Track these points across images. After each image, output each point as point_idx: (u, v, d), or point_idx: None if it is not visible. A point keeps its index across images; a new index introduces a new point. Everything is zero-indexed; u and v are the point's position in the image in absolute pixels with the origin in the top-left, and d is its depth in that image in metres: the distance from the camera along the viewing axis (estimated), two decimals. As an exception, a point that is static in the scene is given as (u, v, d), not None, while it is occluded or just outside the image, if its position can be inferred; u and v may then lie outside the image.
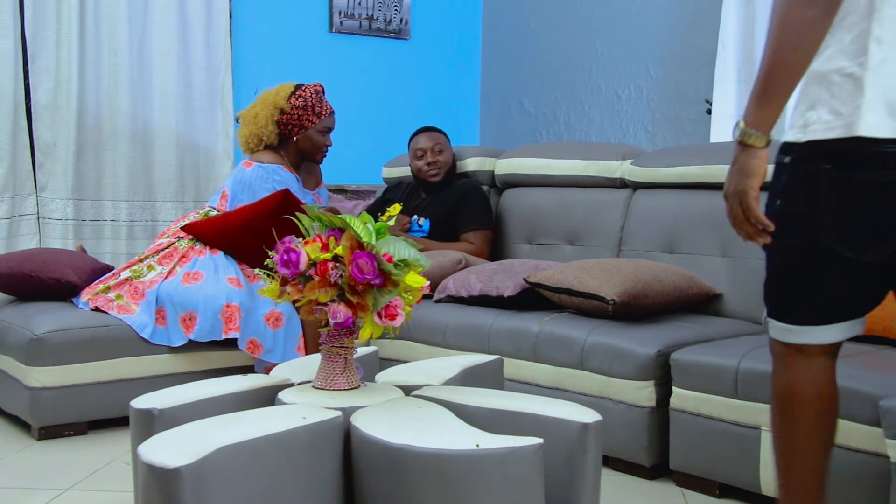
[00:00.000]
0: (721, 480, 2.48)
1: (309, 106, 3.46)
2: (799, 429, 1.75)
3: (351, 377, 1.93)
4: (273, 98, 3.47)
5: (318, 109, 3.48)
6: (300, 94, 3.47)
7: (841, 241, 1.66)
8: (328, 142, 3.54)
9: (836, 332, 1.74)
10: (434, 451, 1.58)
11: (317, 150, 3.53)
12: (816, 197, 1.66)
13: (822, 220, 1.66)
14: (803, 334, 1.74)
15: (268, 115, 3.44)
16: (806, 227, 1.69)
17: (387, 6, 4.86)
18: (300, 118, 3.45)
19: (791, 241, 1.72)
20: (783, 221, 1.70)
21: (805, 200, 1.68)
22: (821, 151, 1.64)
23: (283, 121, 3.45)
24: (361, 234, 1.83)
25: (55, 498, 2.44)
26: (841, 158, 1.62)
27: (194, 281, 3.15)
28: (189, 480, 1.48)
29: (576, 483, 1.79)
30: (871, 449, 2.13)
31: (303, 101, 3.45)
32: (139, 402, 1.90)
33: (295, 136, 3.47)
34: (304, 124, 3.46)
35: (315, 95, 3.49)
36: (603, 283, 2.75)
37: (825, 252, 1.69)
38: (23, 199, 3.94)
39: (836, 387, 1.76)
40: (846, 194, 1.63)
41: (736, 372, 2.40)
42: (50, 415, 2.97)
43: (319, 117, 3.49)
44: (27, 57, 3.91)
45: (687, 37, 4.00)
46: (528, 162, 3.80)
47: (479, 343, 3.01)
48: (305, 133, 3.47)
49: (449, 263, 3.35)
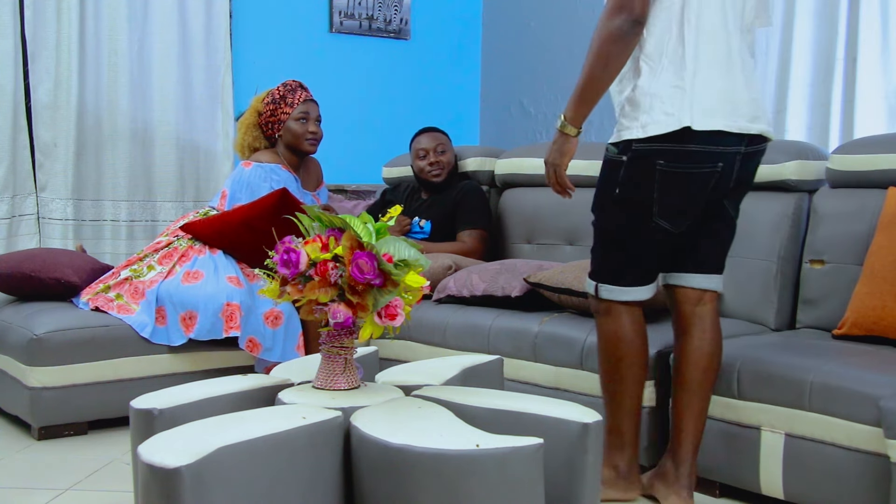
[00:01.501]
0: (721, 480, 2.48)
1: (278, 99, 3.51)
2: (625, 363, 2.33)
3: (351, 377, 1.93)
4: (253, 105, 3.58)
5: (289, 100, 3.51)
6: (271, 93, 3.55)
7: (663, 218, 2.22)
8: (310, 128, 3.51)
9: (649, 291, 2.36)
10: (434, 451, 1.58)
11: (300, 139, 3.50)
12: (650, 186, 2.19)
13: (652, 203, 2.21)
14: (631, 294, 2.33)
15: (251, 122, 3.56)
16: (642, 210, 2.23)
17: (387, 6, 4.86)
18: (274, 113, 3.51)
19: (628, 222, 2.28)
20: (622, 207, 2.26)
21: (641, 189, 2.21)
22: (656, 150, 2.16)
23: (263, 122, 3.53)
24: (361, 234, 1.83)
25: (55, 498, 2.44)
26: (671, 155, 2.16)
27: (194, 280, 3.15)
28: (189, 480, 1.48)
29: (576, 483, 1.79)
30: (871, 449, 2.13)
31: (271, 98, 3.53)
32: (139, 402, 1.90)
33: (278, 133, 3.51)
34: (280, 117, 3.50)
35: (284, 88, 3.54)
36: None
37: (652, 228, 2.24)
38: (23, 199, 3.94)
39: (646, 330, 2.38)
40: (669, 183, 2.18)
41: (736, 372, 2.40)
42: (50, 415, 2.97)
43: (292, 107, 3.50)
44: (27, 57, 3.90)
45: (687, 37, 4.00)
46: (528, 162, 3.80)
47: (479, 343, 3.01)
48: (284, 126, 3.50)
49: (439, 269, 3.34)
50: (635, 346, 2.35)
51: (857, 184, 2.84)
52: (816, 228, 2.89)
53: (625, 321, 2.33)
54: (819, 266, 2.86)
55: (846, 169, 2.85)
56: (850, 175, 2.84)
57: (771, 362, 2.36)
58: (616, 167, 2.24)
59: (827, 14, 3.45)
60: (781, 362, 2.34)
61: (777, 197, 2.97)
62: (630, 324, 2.34)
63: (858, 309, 2.55)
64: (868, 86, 3.32)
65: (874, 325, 2.51)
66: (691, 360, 2.33)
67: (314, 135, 3.52)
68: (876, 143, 2.84)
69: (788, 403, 2.29)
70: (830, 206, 2.88)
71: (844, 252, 2.79)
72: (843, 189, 2.89)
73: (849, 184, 2.86)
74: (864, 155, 2.80)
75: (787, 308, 2.93)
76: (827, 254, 2.84)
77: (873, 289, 2.52)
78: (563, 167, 2.30)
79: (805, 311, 2.88)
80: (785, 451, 2.29)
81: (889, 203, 2.63)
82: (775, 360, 2.36)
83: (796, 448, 2.28)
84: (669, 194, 2.20)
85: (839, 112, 3.41)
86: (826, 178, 2.95)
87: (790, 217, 2.94)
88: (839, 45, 3.40)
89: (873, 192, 2.77)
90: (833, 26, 3.42)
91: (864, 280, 2.57)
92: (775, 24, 3.58)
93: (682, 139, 2.15)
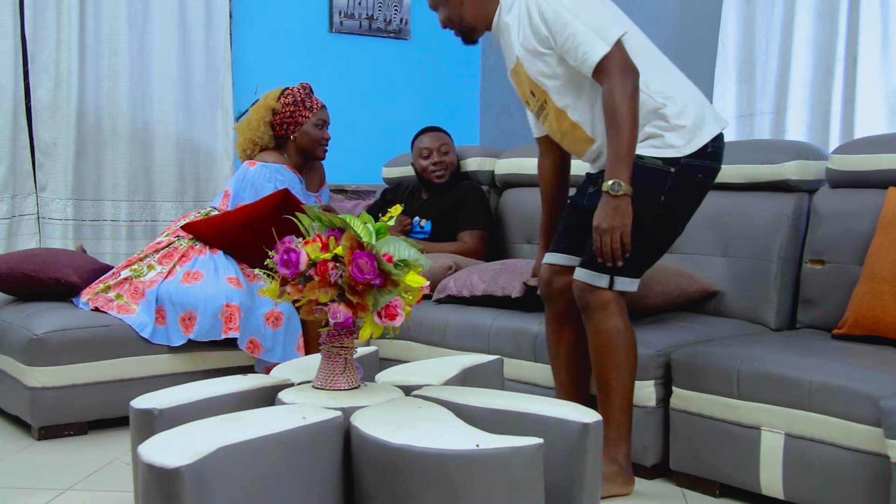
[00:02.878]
0: (721, 480, 2.48)
1: (299, 101, 3.50)
2: (632, 353, 2.46)
3: (351, 377, 1.93)
4: (264, 103, 3.55)
5: (308, 104, 3.51)
6: (289, 93, 3.53)
7: (684, 222, 2.54)
8: (326, 135, 3.56)
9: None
10: (434, 451, 1.58)
11: (316, 145, 3.54)
12: (686, 195, 2.48)
13: (684, 210, 2.51)
14: (636, 284, 2.48)
15: (260, 118, 3.52)
16: (676, 213, 2.49)
17: (387, 6, 4.86)
18: (293, 115, 3.49)
19: (667, 224, 2.49)
20: (666, 210, 2.45)
21: (684, 197, 2.48)
22: (697, 165, 2.45)
23: (277, 121, 3.49)
24: (361, 234, 1.83)
25: (55, 498, 2.44)
26: (707, 171, 2.48)
27: (194, 281, 3.15)
28: (189, 480, 1.48)
29: (576, 483, 1.79)
30: (871, 449, 2.13)
31: (292, 98, 3.50)
32: (139, 402, 1.90)
33: (292, 134, 3.50)
34: (299, 120, 3.49)
35: (303, 91, 3.54)
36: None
37: (677, 230, 2.54)
38: (23, 199, 3.94)
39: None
40: (701, 194, 2.52)
41: (736, 372, 2.40)
42: (50, 415, 2.97)
43: (311, 111, 3.51)
44: (27, 57, 3.90)
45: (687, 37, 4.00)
46: (528, 162, 3.80)
47: (479, 343, 3.01)
48: (301, 129, 3.50)
49: (439, 269, 3.34)
50: (634, 336, 2.47)
51: (857, 184, 2.84)
52: (816, 228, 2.89)
53: (626, 312, 2.46)
54: (819, 266, 2.86)
55: (846, 169, 2.85)
56: (850, 175, 2.84)
57: (771, 362, 2.36)
58: (661, 176, 2.43)
59: (827, 14, 3.45)
60: (781, 362, 2.34)
61: (777, 197, 2.97)
62: (626, 315, 2.46)
63: (858, 309, 2.55)
64: (868, 86, 3.32)
65: (874, 325, 2.51)
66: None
67: (327, 142, 3.58)
68: (876, 143, 2.84)
69: (788, 403, 2.29)
70: (830, 206, 2.88)
71: (844, 252, 2.79)
72: (843, 189, 2.89)
73: (849, 184, 2.86)
74: (864, 155, 2.80)
75: (787, 308, 2.93)
76: (827, 254, 2.84)
77: (873, 289, 2.52)
78: (629, 230, 2.34)
79: (805, 311, 2.88)
80: (785, 451, 2.29)
81: (889, 203, 2.63)
82: (775, 360, 2.36)
83: (796, 448, 2.28)
84: (697, 203, 2.53)
85: (839, 112, 3.41)
86: (826, 178, 2.95)
87: (790, 217, 2.94)
88: (839, 45, 3.40)
89: (873, 192, 2.76)
90: (833, 26, 3.42)
91: (864, 280, 2.57)
92: (775, 23, 3.59)
93: (709, 145, 2.47)
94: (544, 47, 2.45)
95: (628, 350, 2.44)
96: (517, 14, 2.50)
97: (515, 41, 2.52)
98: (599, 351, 2.44)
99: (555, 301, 2.66)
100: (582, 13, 2.37)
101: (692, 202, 2.52)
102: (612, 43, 2.34)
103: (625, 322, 2.44)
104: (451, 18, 2.65)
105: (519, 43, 2.51)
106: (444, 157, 3.82)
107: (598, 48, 2.33)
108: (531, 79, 2.53)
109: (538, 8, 2.42)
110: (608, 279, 2.41)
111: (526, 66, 2.52)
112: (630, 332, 2.44)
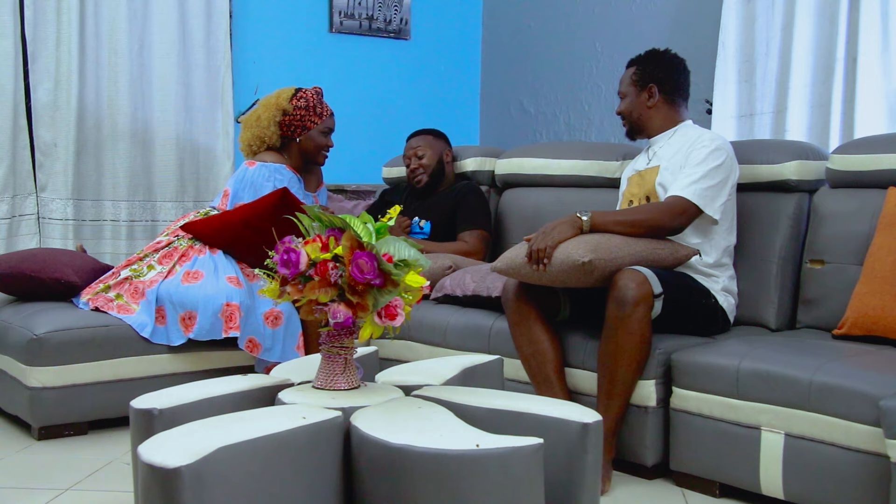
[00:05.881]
0: (721, 480, 2.48)
1: (311, 106, 3.50)
2: (646, 359, 2.56)
3: (351, 377, 1.93)
4: (275, 100, 3.52)
5: (319, 110, 3.52)
6: (302, 96, 3.51)
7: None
8: (330, 143, 3.58)
9: None
10: (434, 451, 1.58)
11: (318, 151, 3.56)
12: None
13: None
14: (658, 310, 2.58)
15: (270, 116, 3.49)
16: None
17: (387, 6, 4.86)
18: (303, 118, 3.49)
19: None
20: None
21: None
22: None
23: (286, 122, 3.49)
24: (361, 234, 1.83)
25: (55, 498, 2.44)
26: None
27: (194, 280, 3.15)
28: (189, 480, 1.48)
29: (576, 483, 1.79)
30: (871, 449, 2.13)
31: (305, 102, 3.49)
32: (139, 402, 1.90)
33: (297, 137, 3.50)
34: (307, 125, 3.49)
35: (316, 97, 3.54)
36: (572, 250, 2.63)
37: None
38: (23, 199, 3.94)
39: None
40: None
41: (736, 372, 2.40)
42: (50, 415, 2.97)
43: (321, 118, 3.53)
44: (27, 57, 3.90)
45: (687, 37, 4.00)
46: (528, 162, 3.80)
47: (479, 343, 3.01)
48: (308, 134, 3.50)
49: (439, 269, 3.35)
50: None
51: (857, 184, 2.84)
52: (816, 228, 2.89)
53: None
54: (819, 266, 2.86)
55: (846, 169, 2.85)
56: (850, 175, 2.84)
57: (771, 362, 2.36)
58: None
59: (827, 14, 3.45)
60: (781, 362, 2.34)
61: (777, 197, 2.97)
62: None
63: (858, 309, 2.55)
64: (868, 86, 3.32)
65: (874, 325, 2.51)
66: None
67: (329, 149, 3.60)
68: (876, 143, 2.84)
69: (788, 403, 2.29)
70: (830, 206, 2.88)
71: (844, 252, 2.79)
72: (843, 189, 2.89)
73: (849, 184, 2.86)
74: (864, 155, 2.81)
75: (787, 308, 2.93)
76: (827, 254, 2.84)
77: (873, 289, 2.52)
78: (557, 246, 2.54)
79: (805, 311, 2.88)
80: (785, 451, 2.29)
81: (889, 203, 2.63)
82: (775, 360, 2.36)
83: (796, 448, 2.28)
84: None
85: (839, 112, 3.41)
86: (826, 178, 2.95)
87: (790, 217, 2.94)
88: (839, 45, 3.40)
89: (873, 192, 2.77)
90: (833, 26, 3.42)
91: (864, 280, 2.57)
92: (775, 23, 3.59)
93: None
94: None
95: (645, 356, 2.54)
96: (684, 140, 2.83)
97: (667, 156, 2.84)
98: (631, 349, 2.50)
99: (518, 303, 2.78)
100: (711, 175, 2.70)
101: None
102: (698, 204, 2.67)
103: (650, 329, 2.52)
104: (632, 113, 2.96)
105: (669, 159, 2.83)
106: (420, 162, 3.80)
107: (690, 195, 2.66)
108: (655, 185, 2.84)
109: (701, 144, 2.76)
110: (661, 288, 2.53)
111: (661, 175, 2.82)
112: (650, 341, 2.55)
